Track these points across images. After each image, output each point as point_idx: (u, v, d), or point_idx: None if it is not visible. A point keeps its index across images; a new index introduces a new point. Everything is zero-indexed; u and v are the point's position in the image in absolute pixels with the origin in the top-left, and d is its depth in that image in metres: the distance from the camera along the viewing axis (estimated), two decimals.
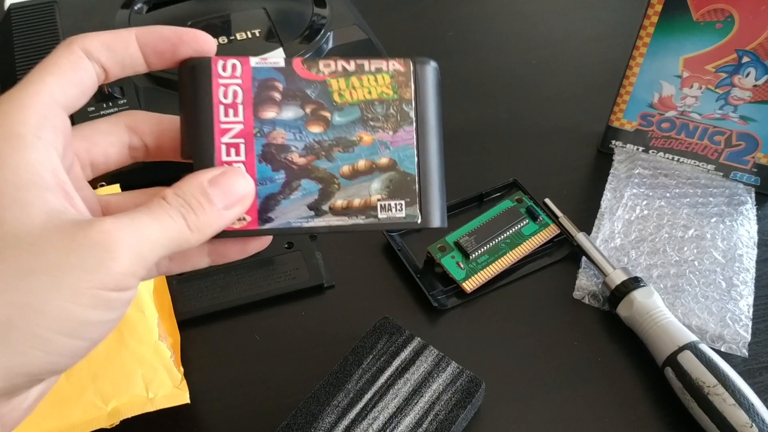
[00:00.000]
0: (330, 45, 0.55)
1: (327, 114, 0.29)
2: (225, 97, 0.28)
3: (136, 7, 0.56)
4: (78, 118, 0.46)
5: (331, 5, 0.59)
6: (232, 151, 0.28)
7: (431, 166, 0.29)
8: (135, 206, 0.24)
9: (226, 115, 0.28)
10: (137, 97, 0.49)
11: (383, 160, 0.29)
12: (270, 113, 0.28)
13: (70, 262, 0.21)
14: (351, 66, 0.29)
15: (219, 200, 0.26)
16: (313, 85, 0.28)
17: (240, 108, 0.28)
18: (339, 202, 0.29)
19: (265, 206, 0.28)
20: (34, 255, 0.21)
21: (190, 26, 0.32)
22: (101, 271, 0.22)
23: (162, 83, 0.50)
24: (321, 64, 0.28)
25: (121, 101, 0.48)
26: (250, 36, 0.54)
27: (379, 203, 0.29)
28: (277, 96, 0.28)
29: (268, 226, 0.28)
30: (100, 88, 0.48)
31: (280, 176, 0.28)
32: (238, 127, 0.28)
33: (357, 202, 0.29)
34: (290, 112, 0.28)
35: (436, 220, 0.29)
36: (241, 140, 0.28)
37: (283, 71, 0.28)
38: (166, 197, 0.25)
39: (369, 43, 0.54)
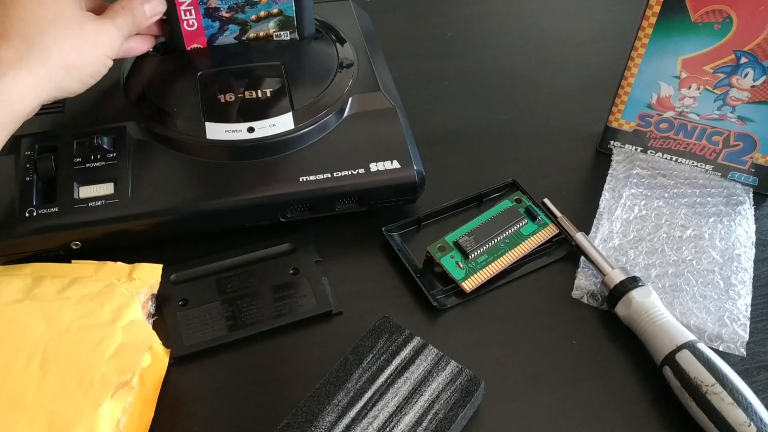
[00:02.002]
0: (347, 112, 0.50)
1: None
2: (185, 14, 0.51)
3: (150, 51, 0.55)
4: (66, 166, 0.46)
5: (358, 64, 0.54)
6: (187, 12, 0.52)
7: (305, 6, 0.53)
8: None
9: None
10: (128, 150, 0.47)
11: (275, 10, 0.54)
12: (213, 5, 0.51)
13: (95, 38, 0.44)
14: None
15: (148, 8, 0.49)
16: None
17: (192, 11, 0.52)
18: (251, 34, 0.55)
19: (210, 41, 0.54)
20: (76, 28, 0.43)
21: (200, 77, 0.51)
22: (111, 44, 0.45)
23: (156, 137, 0.48)
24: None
25: (110, 154, 0.47)
26: (260, 95, 0.50)
27: (274, 33, 0.55)
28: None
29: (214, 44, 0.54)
30: (90, 139, 0.47)
31: (216, 24, 0.53)
32: (189, 1, 0.51)
33: (261, 34, 0.55)
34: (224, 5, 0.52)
35: (311, 29, 0.55)
36: (191, 7, 0.51)
37: None
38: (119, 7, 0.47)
39: (392, 113, 0.50)
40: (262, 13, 0.53)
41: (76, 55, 0.43)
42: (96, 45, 0.44)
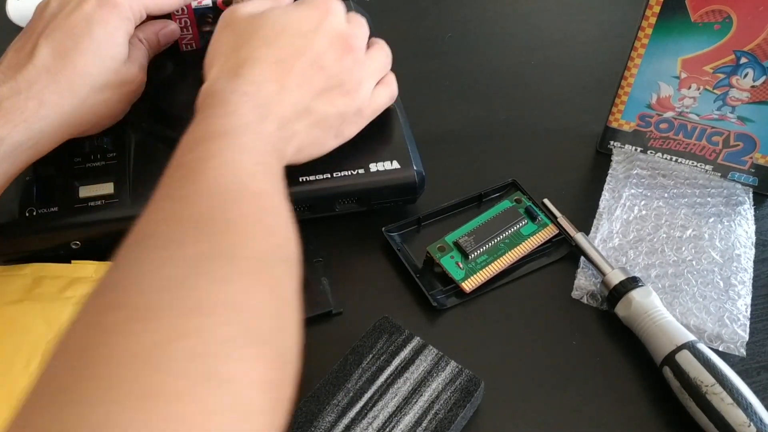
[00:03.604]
0: None
1: None
2: (180, 22, 0.52)
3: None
4: (66, 166, 0.46)
5: None
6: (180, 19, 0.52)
7: None
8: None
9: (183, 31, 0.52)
10: (128, 150, 0.47)
11: None
12: (206, 28, 0.53)
13: (126, 88, 0.44)
14: None
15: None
16: None
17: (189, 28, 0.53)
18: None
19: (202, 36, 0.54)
20: (117, 80, 0.43)
21: (201, 76, 0.48)
22: (136, 88, 0.46)
23: (156, 137, 0.48)
24: (233, 1, 0.50)
25: (110, 154, 0.46)
26: None
27: None
28: (210, 20, 0.52)
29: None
30: (90, 140, 0.47)
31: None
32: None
33: None
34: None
35: None
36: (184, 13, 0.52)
37: (211, 8, 0.52)
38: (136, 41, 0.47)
39: (392, 113, 0.50)
40: None
41: (105, 104, 0.43)
42: (123, 93, 0.45)
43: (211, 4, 0.52)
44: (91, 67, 0.41)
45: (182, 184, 0.30)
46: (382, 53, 0.46)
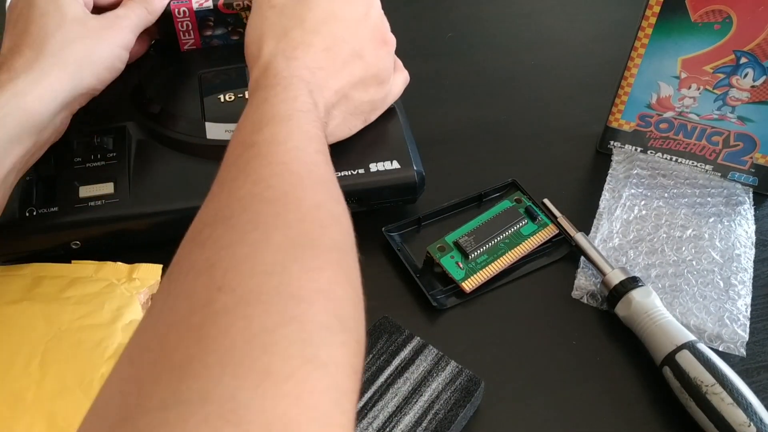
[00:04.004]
0: None
1: (241, 29, 0.54)
2: (182, 25, 0.53)
3: (151, 51, 0.55)
4: (66, 165, 0.46)
5: None
6: (182, 17, 0.53)
7: None
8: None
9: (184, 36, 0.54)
10: (128, 150, 0.47)
11: None
12: (208, 32, 0.54)
13: (102, 32, 0.45)
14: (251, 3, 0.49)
15: None
16: (230, 16, 0.53)
17: (191, 32, 0.54)
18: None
19: (204, 39, 0.55)
20: (80, 27, 0.44)
21: (201, 76, 0.52)
22: (120, 35, 0.46)
23: (156, 137, 0.48)
24: (234, 4, 0.53)
25: (110, 154, 0.47)
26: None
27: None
28: (211, 23, 0.53)
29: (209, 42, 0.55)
30: (90, 139, 0.47)
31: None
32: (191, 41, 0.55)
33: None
34: (219, 31, 0.54)
35: None
36: (186, 13, 0.52)
37: (213, 10, 0.53)
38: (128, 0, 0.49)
39: (392, 113, 0.50)
40: None
41: (86, 51, 0.44)
42: (103, 38, 0.45)
43: (212, 7, 0.52)
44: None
45: (257, 165, 0.31)
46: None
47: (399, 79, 0.49)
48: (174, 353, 0.23)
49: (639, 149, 0.55)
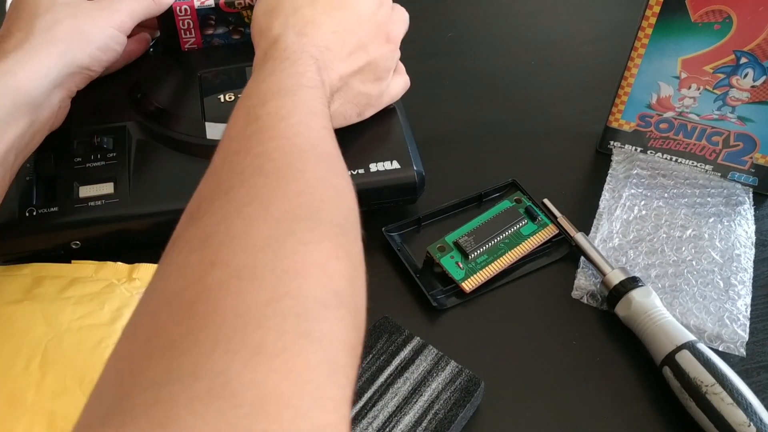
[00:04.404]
0: None
1: (242, 28, 0.55)
2: (183, 23, 0.53)
3: (151, 51, 0.55)
4: (66, 165, 0.46)
5: None
6: (183, 15, 0.53)
7: None
8: None
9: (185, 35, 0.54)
10: (128, 150, 0.47)
11: None
12: (209, 31, 0.54)
13: (99, 14, 0.45)
14: (253, 1, 0.52)
15: None
16: (232, 15, 0.53)
17: (192, 30, 0.54)
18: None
19: (205, 39, 0.55)
20: (72, 8, 0.44)
21: (200, 77, 0.52)
22: (113, 17, 0.45)
23: (156, 137, 0.48)
24: (235, 2, 0.53)
25: (110, 154, 0.47)
26: None
27: None
28: (212, 22, 0.54)
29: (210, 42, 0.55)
30: (90, 139, 0.47)
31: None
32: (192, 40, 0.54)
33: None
34: (220, 30, 0.54)
35: None
36: (187, 11, 0.53)
37: (214, 9, 0.53)
38: None
39: (392, 113, 0.51)
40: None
41: (76, 29, 0.44)
42: (95, 18, 0.45)
43: (213, 5, 0.52)
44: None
45: (259, 139, 0.31)
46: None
47: (398, 82, 0.50)
48: (166, 330, 0.23)
49: (639, 149, 0.55)
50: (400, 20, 0.47)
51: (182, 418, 0.20)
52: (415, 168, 0.48)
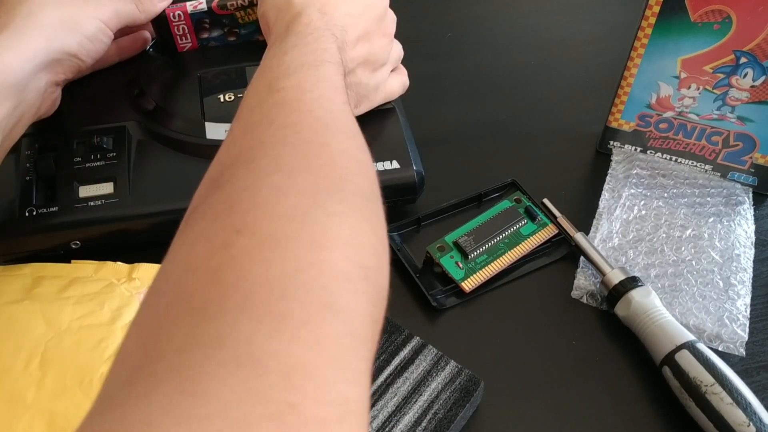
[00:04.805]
0: None
1: (236, 30, 0.54)
2: (178, 29, 0.53)
3: (150, 51, 0.55)
4: (66, 165, 0.46)
5: None
6: (178, 19, 0.52)
7: None
8: None
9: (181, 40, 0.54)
10: (127, 150, 0.47)
11: None
12: (204, 34, 0.54)
13: (86, 4, 0.45)
14: (246, 3, 0.52)
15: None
16: (226, 17, 0.53)
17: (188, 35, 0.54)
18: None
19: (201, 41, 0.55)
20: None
21: (200, 77, 0.52)
22: (100, 10, 0.45)
23: (156, 137, 0.48)
24: (228, 4, 0.52)
25: (110, 154, 0.47)
26: None
27: None
28: (207, 25, 0.53)
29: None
30: (90, 139, 0.47)
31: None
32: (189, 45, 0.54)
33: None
34: (215, 32, 0.54)
35: None
36: (181, 13, 0.52)
37: (207, 12, 0.52)
38: None
39: (392, 113, 0.51)
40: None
41: (63, 16, 0.44)
42: (81, 8, 0.45)
43: (206, 9, 0.52)
44: None
45: (282, 111, 0.31)
46: (398, 45, 0.50)
47: (396, 81, 0.50)
48: (191, 297, 0.23)
49: (639, 149, 0.55)
50: (393, 17, 0.48)
51: (207, 384, 0.19)
52: (414, 168, 0.48)
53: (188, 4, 0.52)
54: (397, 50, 0.50)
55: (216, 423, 0.19)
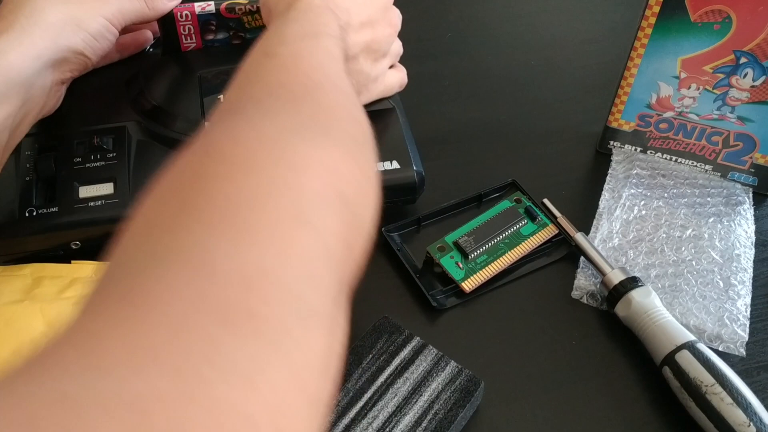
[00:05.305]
0: None
1: (242, 34, 0.54)
2: (184, 29, 0.53)
3: (150, 50, 0.55)
4: (66, 166, 0.46)
5: None
6: (184, 17, 0.52)
7: None
8: None
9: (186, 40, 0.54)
10: (127, 150, 0.47)
11: None
12: (209, 36, 0.54)
13: (90, 2, 0.45)
14: (254, 8, 0.52)
15: None
16: (233, 20, 0.53)
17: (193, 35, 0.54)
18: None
19: (205, 41, 0.54)
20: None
21: (200, 77, 0.51)
22: (104, 8, 0.45)
23: (156, 137, 0.48)
24: (236, 8, 0.52)
25: (110, 154, 0.47)
26: None
27: None
28: (213, 27, 0.53)
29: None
30: (90, 139, 0.47)
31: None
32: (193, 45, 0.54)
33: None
34: (221, 35, 0.54)
35: None
36: (188, 12, 0.52)
37: (215, 14, 0.52)
38: None
39: (392, 113, 0.51)
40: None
41: (67, 14, 0.44)
42: (85, 6, 0.45)
43: (214, 11, 0.52)
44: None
45: (277, 73, 0.31)
46: (399, 42, 0.50)
47: (395, 76, 0.50)
48: (157, 220, 0.22)
49: (639, 149, 0.55)
50: (398, 11, 0.48)
51: (158, 294, 0.18)
52: (414, 168, 0.48)
53: (197, 5, 0.52)
54: (397, 46, 0.50)
55: (161, 331, 0.18)
